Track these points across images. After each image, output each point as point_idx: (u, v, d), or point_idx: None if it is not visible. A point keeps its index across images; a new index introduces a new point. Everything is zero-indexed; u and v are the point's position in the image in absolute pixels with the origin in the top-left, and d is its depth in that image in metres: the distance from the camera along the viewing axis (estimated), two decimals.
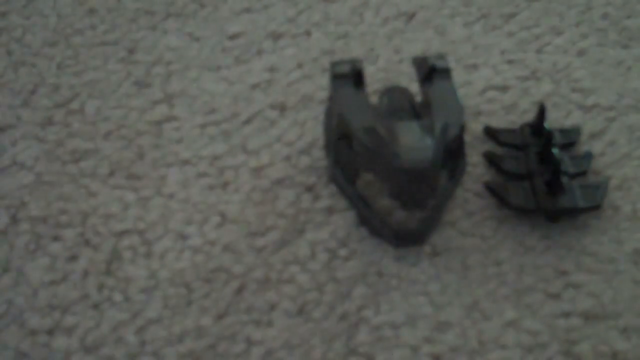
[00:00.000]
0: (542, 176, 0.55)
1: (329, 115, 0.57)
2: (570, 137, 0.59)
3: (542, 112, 0.58)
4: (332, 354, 0.48)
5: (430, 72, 0.56)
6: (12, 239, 0.55)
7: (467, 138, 0.59)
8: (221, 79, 0.66)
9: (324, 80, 0.64)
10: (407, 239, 0.53)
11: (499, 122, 0.61)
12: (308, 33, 0.69)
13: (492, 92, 0.63)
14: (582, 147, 0.59)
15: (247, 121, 0.62)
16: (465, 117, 0.61)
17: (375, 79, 0.65)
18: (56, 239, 0.54)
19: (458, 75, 0.64)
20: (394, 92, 0.57)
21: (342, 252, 0.53)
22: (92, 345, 0.49)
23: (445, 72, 0.56)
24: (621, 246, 0.53)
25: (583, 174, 0.56)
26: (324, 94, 0.63)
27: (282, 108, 0.63)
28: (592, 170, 0.57)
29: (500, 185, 0.55)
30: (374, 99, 0.63)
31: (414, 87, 0.64)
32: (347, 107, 0.53)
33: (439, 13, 0.70)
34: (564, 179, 0.55)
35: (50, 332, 0.49)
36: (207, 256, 0.53)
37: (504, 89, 0.63)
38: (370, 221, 0.54)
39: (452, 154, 0.54)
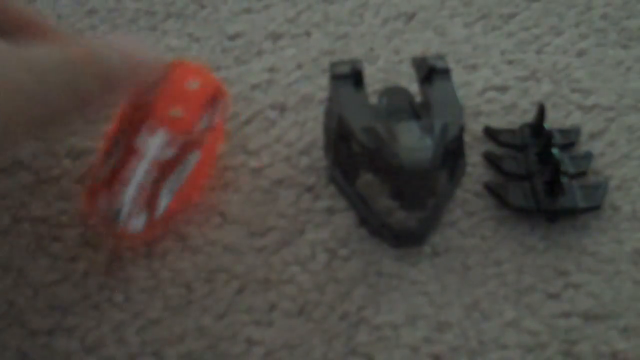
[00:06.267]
0: (542, 176, 0.55)
1: (328, 115, 0.57)
2: (570, 137, 0.59)
3: (541, 112, 0.58)
4: (332, 354, 0.48)
5: (430, 72, 0.56)
6: (12, 239, 0.55)
7: (467, 138, 0.59)
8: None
9: (324, 80, 0.64)
10: (407, 239, 0.53)
11: (498, 122, 0.61)
12: (308, 33, 0.69)
13: (492, 93, 0.63)
14: (582, 147, 0.59)
15: (247, 121, 0.62)
16: (465, 117, 0.61)
17: (375, 79, 0.64)
18: (57, 239, 0.54)
19: (458, 76, 0.64)
20: (393, 92, 0.57)
21: (342, 252, 0.53)
22: (92, 345, 0.49)
23: (445, 73, 0.56)
24: (621, 246, 0.53)
25: (583, 174, 0.56)
26: (324, 94, 0.63)
27: (282, 108, 0.63)
28: (592, 170, 0.57)
29: (500, 185, 0.55)
30: (374, 99, 0.63)
31: (414, 87, 0.64)
32: (347, 107, 0.53)
33: (439, 13, 0.70)
34: (564, 179, 0.55)
35: (50, 332, 0.49)
36: (208, 256, 0.53)
37: (503, 89, 0.63)
38: (370, 221, 0.54)
39: (452, 154, 0.54)
